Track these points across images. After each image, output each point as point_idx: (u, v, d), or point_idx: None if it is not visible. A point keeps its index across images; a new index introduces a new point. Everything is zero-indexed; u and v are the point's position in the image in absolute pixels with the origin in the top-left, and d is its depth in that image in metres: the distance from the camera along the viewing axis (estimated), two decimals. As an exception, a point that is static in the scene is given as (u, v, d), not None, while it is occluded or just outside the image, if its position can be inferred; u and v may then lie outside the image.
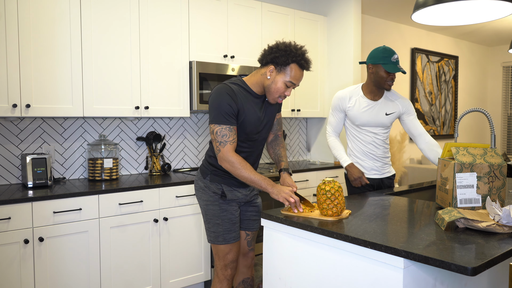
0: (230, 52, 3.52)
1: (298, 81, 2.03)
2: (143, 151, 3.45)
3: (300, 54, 1.98)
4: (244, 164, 1.96)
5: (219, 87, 2.02)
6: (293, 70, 1.99)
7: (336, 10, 4.24)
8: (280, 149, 2.32)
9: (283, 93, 2.03)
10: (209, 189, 2.13)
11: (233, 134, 1.99)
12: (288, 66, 1.98)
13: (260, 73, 2.06)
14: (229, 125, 1.97)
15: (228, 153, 1.96)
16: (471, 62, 7.02)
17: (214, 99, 2.00)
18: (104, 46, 2.90)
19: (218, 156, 2.00)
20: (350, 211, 1.88)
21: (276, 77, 2.00)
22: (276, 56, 1.98)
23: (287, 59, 1.97)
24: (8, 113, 2.57)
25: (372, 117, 2.62)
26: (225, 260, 2.14)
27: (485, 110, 3.65)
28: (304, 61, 1.99)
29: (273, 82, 2.01)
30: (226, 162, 1.97)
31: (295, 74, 2.00)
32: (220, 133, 1.97)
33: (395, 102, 2.67)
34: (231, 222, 2.13)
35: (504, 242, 1.44)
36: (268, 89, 2.04)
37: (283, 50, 1.97)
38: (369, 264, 1.49)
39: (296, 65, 1.99)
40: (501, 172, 1.86)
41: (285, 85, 2.01)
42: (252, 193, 2.24)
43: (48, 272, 2.47)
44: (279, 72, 2.00)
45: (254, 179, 1.95)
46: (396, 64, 2.52)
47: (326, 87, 4.35)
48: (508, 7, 2.13)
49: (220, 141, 1.97)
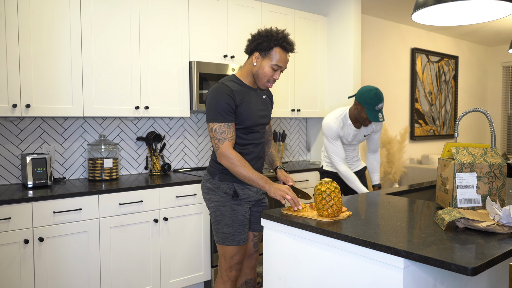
0: (230, 52, 3.52)
1: (284, 64, 2.09)
2: (143, 151, 3.45)
3: (282, 37, 2.04)
4: (242, 162, 1.99)
5: (215, 86, 2.07)
6: (277, 53, 2.05)
7: (336, 10, 4.24)
8: (272, 150, 2.40)
9: (271, 77, 2.10)
10: (219, 190, 2.12)
11: (231, 131, 2.02)
12: (271, 50, 2.05)
13: (248, 63, 2.14)
14: (227, 122, 2.01)
15: (227, 150, 1.99)
16: (471, 62, 7.01)
17: (211, 98, 2.04)
18: (104, 46, 2.90)
19: (217, 153, 2.02)
20: (350, 213, 1.87)
21: (262, 62, 2.07)
22: (259, 43, 2.05)
23: (269, 44, 2.04)
24: (8, 113, 2.57)
25: (355, 139, 3.01)
26: (231, 262, 2.13)
27: (485, 110, 3.66)
28: (286, 43, 2.06)
29: (260, 67, 2.08)
30: (224, 159, 2.00)
31: (280, 57, 2.06)
32: (218, 130, 2.00)
33: (372, 125, 3.00)
34: (241, 224, 2.12)
35: (504, 242, 1.44)
36: (256, 75, 2.11)
37: (264, 36, 2.05)
38: (369, 264, 1.49)
39: (279, 48, 2.05)
40: (501, 172, 1.86)
41: (272, 69, 2.08)
42: (261, 191, 2.24)
43: (48, 272, 2.47)
44: (264, 57, 2.07)
45: (252, 177, 1.98)
46: (378, 112, 2.73)
47: (326, 87, 4.35)
48: (508, 7, 2.13)
49: (219, 138, 2.00)
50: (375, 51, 5.27)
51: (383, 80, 5.40)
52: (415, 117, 5.85)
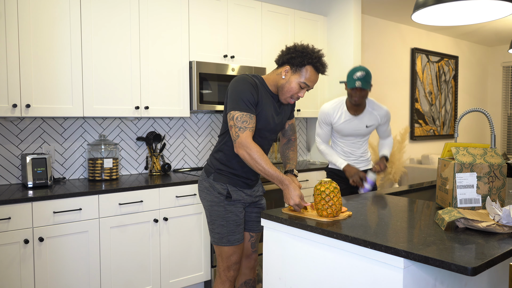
0: (230, 52, 3.52)
1: (313, 83, 2.05)
2: (143, 151, 3.45)
3: (317, 57, 2.00)
4: (261, 154, 1.91)
5: (241, 76, 2.03)
6: (308, 71, 2.01)
7: (336, 10, 4.24)
8: (290, 152, 2.34)
9: (296, 93, 2.05)
10: (214, 190, 2.11)
11: (253, 121, 1.96)
12: (303, 67, 2.00)
13: (276, 73, 2.08)
14: (250, 112, 1.96)
15: (247, 139, 1.91)
16: (471, 62, 7.01)
17: (236, 86, 1.99)
18: (104, 45, 2.90)
19: (236, 142, 1.94)
20: (350, 213, 1.87)
21: (291, 77, 2.02)
22: (293, 57, 2.00)
23: (303, 60, 1.99)
24: (8, 113, 2.57)
25: (354, 129, 2.91)
26: (228, 262, 2.13)
27: (485, 110, 3.65)
28: (319, 64, 2.01)
29: (287, 82, 2.03)
30: (242, 149, 1.92)
31: (310, 76, 2.01)
32: (240, 118, 1.94)
33: (375, 115, 2.93)
34: (235, 224, 2.12)
35: (504, 242, 1.44)
36: (281, 88, 2.06)
37: (300, 51, 2.00)
38: (369, 264, 1.49)
39: (312, 67, 2.00)
40: (501, 172, 1.86)
41: (299, 86, 2.03)
42: (256, 194, 2.23)
43: (48, 272, 2.47)
44: (294, 72, 2.02)
45: (269, 172, 1.91)
46: (356, 81, 2.71)
47: (326, 87, 4.35)
48: (508, 7, 2.13)
49: (240, 126, 1.93)
50: (375, 51, 5.27)
51: (383, 80, 5.40)
52: (415, 117, 5.85)
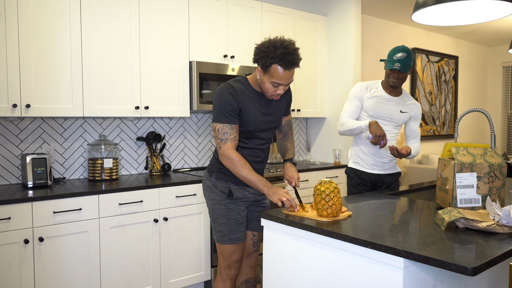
0: (230, 52, 3.52)
1: (285, 80, 1.96)
2: (143, 151, 3.45)
3: (279, 54, 1.88)
4: (243, 163, 1.99)
5: (221, 87, 2.05)
6: (275, 71, 1.93)
7: (336, 10, 4.24)
8: (287, 143, 2.33)
9: (273, 92, 2.01)
10: (216, 188, 2.14)
11: (234, 132, 2.01)
12: (269, 67, 1.93)
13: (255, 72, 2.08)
14: (230, 123, 2.00)
15: (228, 150, 2.00)
16: (471, 62, 7.01)
17: (216, 98, 2.04)
18: (104, 45, 2.90)
19: (219, 153, 2.03)
20: (350, 213, 1.87)
21: (263, 77, 2.00)
22: (258, 58, 1.97)
23: (266, 61, 1.92)
24: (8, 113, 2.57)
25: (388, 110, 2.68)
26: (229, 260, 2.14)
27: (485, 110, 3.65)
28: (284, 62, 1.89)
29: (262, 82, 2.01)
30: (226, 159, 2.01)
31: (277, 74, 1.93)
32: (221, 130, 2.00)
33: (410, 105, 2.75)
34: (237, 222, 2.13)
35: (504, 242, 1.44)
36: (260, 88, 2.06)
37: (263, 51, 1.93)
38: (369, 264, 1.49)
39: (277, 66, 1.91)
40: (501, 172, 1.86)
41: (272, 85, 1.98)
42: (260, 192, 2.23)
43: (48, 272, 2.47)
44: (264, 73, 1.97)
45: (251, 178, 1.98)
46: (395, 62, 2.57)
47: (326, 87, 4.35)
48: (508, 7, 2.13)
49: (221, 138, 2.00)
50: (375, 51, 5.27)
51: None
52: (415, 117, 5.84)
